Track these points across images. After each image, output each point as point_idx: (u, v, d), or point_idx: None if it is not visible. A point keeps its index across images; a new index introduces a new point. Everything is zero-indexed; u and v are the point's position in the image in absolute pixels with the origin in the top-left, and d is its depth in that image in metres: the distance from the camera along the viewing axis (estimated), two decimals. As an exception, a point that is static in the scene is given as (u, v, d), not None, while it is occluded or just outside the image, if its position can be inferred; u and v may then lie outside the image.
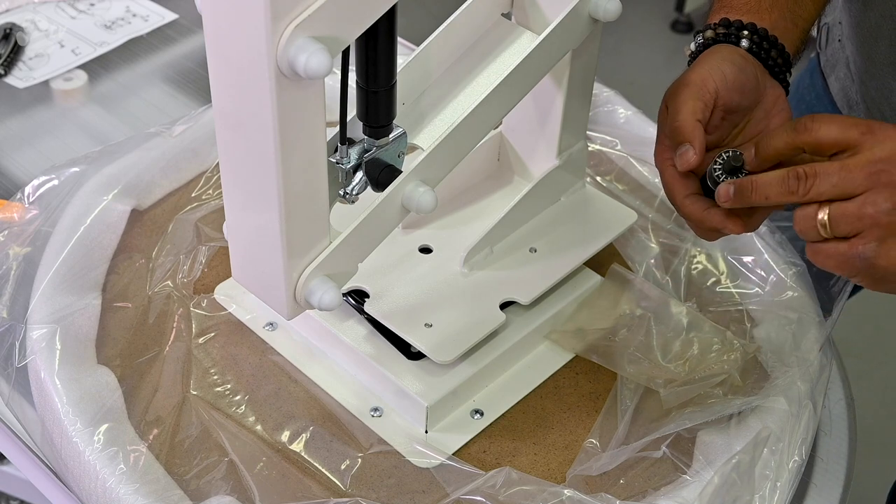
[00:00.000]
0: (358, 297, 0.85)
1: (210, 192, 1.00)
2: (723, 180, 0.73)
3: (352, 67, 0.72)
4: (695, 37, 0.83)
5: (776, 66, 0.81)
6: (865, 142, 0.62)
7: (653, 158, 0.81)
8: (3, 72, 1.22)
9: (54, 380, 0.81)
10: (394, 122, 0.76)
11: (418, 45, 0.82)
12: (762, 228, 0.98)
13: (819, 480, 0.85)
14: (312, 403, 0.84)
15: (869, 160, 0.62)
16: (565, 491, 0.75)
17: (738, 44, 0.80)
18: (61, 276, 0.89)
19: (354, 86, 0.74)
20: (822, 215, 0.64)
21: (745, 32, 0.80)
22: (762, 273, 0.95)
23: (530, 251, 0.90)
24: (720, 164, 0.74)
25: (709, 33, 0.82)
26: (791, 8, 0.83)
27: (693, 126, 0.75)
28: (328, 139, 0.71)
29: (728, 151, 0.74)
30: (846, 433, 0.89)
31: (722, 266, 0.97)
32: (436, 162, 0.77)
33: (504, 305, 0.86)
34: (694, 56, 0.83)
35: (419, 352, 0.83)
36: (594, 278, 0.93)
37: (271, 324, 0.89)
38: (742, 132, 0.80)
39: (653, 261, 0.95)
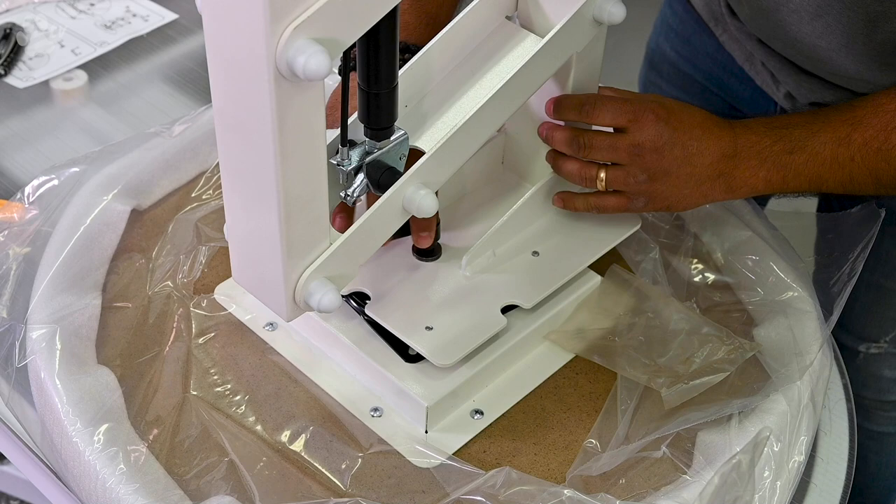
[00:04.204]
0: (359, 300, 0.85)
1: (210, 192, 1.00)
2: None
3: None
4: None
5: None
6: (631, 127, 0.83)
7: None
8: (3, 72, 1.22)
9: (54, 380, 0.81)
10: (396, 124, 0.76)
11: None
12: (762, 228, 0.98)
13: (819, 480, 0.85)
14: (312, 403, 0.84)
15: (631, 143, 0.83)
16: (565, 491, 0.75)
17: None
18: (61, 276, 0.89)
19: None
20: (602, 178, 0.85)
21: None
22: (762, 273, 0.95)
23: (533, 255, 0.90)
24: None
25: None
26: None
27: None
28: (329, 141, 0.71)
29: None
30: (846, 433, 0.89)
31: (722, 266, 0.97)
32: (437, 165, 0.77)
33: (505, 309, 0.86)
34: None
35: (417, 354, 0.83)
36: (594, 278, 0.93)
37: (271, 324, 0.89)
38: None
39: (653, 261, 0.95)
